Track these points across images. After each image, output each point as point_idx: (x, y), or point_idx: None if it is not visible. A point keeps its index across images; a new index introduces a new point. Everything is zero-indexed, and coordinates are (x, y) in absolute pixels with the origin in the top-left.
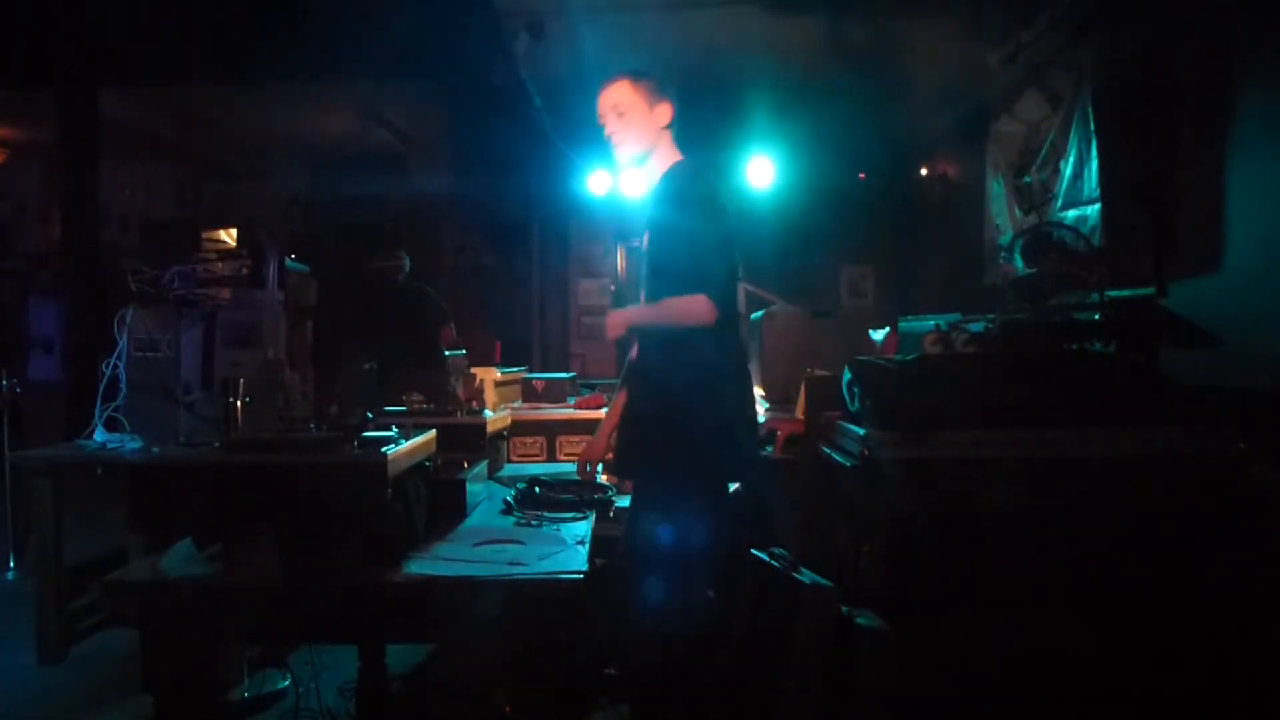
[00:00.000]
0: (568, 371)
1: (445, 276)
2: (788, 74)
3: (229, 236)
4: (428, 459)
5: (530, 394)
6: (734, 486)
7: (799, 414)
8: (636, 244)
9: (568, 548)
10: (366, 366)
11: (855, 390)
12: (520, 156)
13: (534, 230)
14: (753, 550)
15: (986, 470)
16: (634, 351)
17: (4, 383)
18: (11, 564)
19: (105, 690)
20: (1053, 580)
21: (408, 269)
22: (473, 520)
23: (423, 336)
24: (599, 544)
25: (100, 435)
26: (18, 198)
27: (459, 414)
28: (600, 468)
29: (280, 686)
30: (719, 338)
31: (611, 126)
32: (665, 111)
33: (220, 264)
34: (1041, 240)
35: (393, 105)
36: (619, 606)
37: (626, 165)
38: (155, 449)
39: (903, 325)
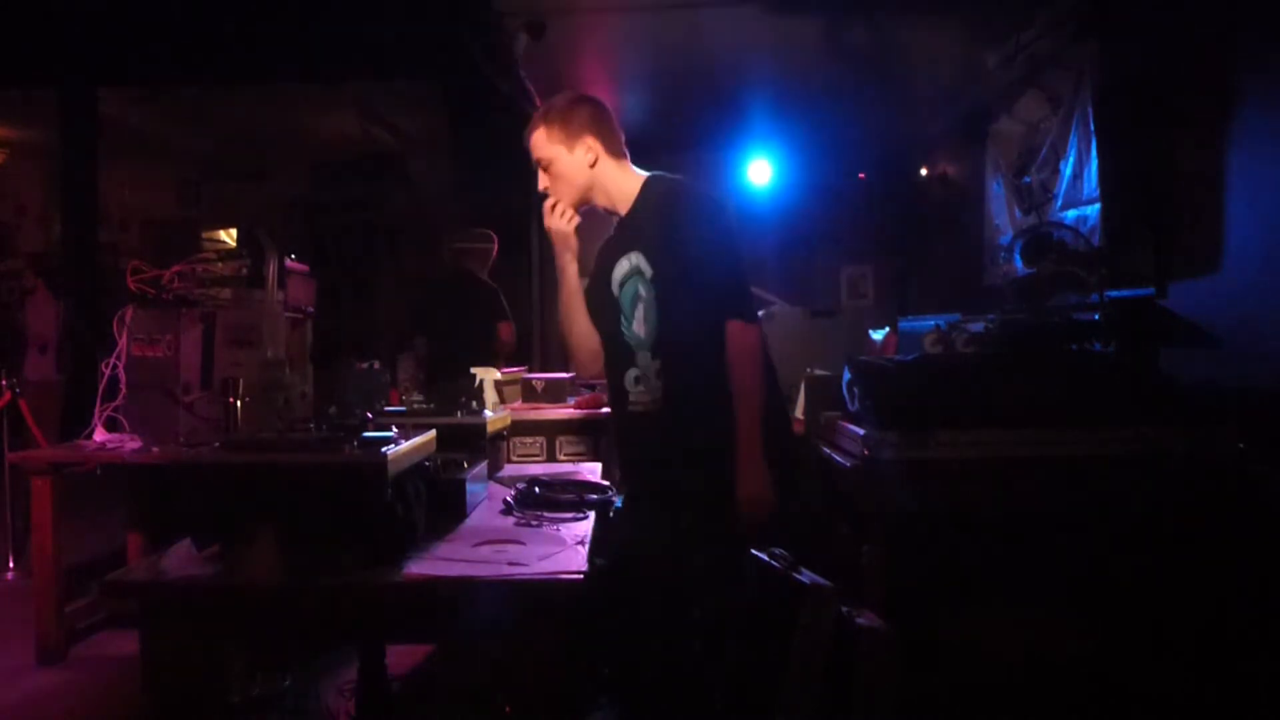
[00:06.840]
0: (567, 371)
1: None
2: (788, 74)
3: (229, 236)
4: (428, 459)
5: (530, 394)
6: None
7: (799, 414)
8: (604, 273)
9: (568, 548)
10: (365, 365)
11: (855, 390)
12: (520, 156)
13: (534, 230)
14: (752, 550)
15: (986, 470)
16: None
17: (3, 383)
18: (11, 564)
19: (105, 690)
20: (1052, 580)
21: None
22: (473, 520)
23: (484, 332)
24: (599, 544)
25: (100, 435)
26: (18, 198)
27: (459, 414)
28: (600, 470)
29: (280, 687)
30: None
31: (543, 183)
32: (590, 147)
33: (220, 264)
34: (1041, 240)
35: (393, 105)
36: (619, 606)
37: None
38: (155, 449)
39: (903, 325)
